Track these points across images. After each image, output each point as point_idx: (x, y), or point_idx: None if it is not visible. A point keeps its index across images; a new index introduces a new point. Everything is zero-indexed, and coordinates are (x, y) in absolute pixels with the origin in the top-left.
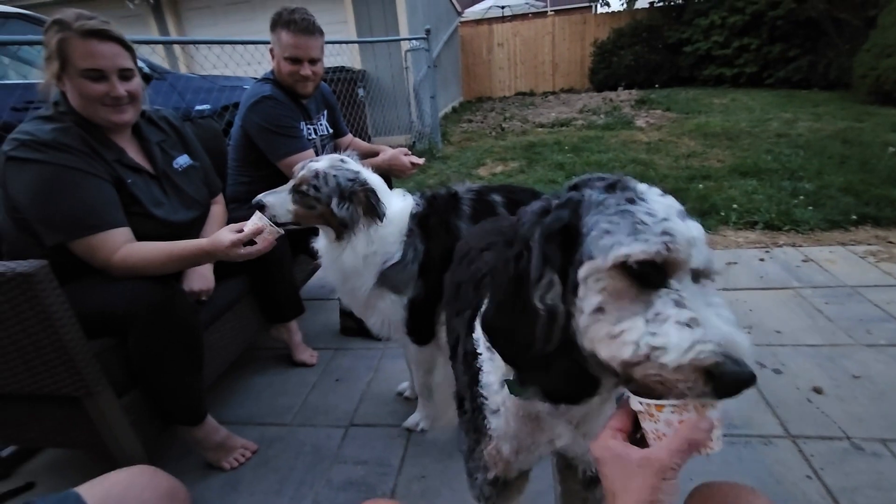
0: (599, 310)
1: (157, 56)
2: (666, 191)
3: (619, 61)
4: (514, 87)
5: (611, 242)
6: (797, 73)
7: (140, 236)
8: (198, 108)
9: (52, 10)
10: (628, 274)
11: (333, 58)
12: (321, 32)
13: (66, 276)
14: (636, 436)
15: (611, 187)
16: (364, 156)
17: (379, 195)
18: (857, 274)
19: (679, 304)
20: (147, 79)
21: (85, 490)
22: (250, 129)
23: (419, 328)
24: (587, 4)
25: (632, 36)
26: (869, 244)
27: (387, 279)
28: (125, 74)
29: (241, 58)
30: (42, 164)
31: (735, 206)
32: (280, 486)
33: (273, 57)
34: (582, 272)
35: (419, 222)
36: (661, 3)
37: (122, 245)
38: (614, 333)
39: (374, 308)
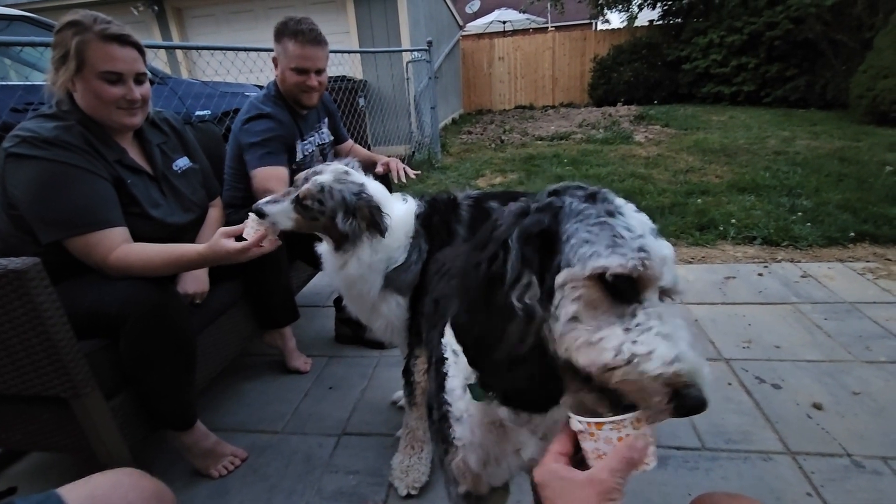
0: (575, 318)
1: (160, 61)
2: (665, 205)
3: (618, 77)
4: (514, 100)
5: (589, 252)
6: (794, 92)
7: (137, 237)
8: (198, 113)
9: (58, 13)
10: (603, 285)
11: (335, 67)
12: (326, 43)
13: (60, 275)
14: (577, 458)
15: (591, 197)
16: (363, 164)
17: (383, 210)
18: (855, 290)
19: (659, 317)
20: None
21: (67, 491)
22: (241, 142)
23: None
24: (588, 21)
25: (631, 53)
26: (867, 261)
27: (391, 281)
28: (139, 78)
29: (242, 64)
30: (42, 161)
31: (733, 221)
32: (269, 496)
33: (276, 66)
34: (559, 279)
35: (423, 223)
36: (660, 22)
37: (119, 245)
38: (593, 341)
39: (378, 312)
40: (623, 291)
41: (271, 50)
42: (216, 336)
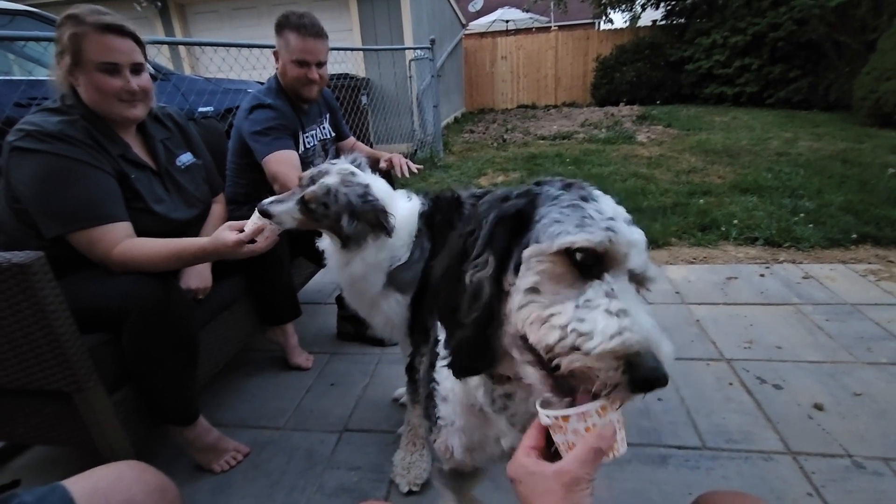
0: (534, 290)
1: (163, 57)
2: (667, 205)
3: (621, 77)
4: (516, 99)
5: (558, 230)
6: (797, 93)
7: (140, 232)
8: (201, 109)
9: (61, 8)
10: (570, 261)
11: (338, 65)
12: (327, 36)
13: (63, 270)
14: (552, 450)
15: (567, 186)
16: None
17: (388, 211)
18: (857, 292)
19: (610, 294)
20: (152, 79)
21: (72, 483)
22: (244, 133)
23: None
24: (590, 21)
25: (634, 53)
26: (869, 263)
27: (393, 279)
28: (137, 69)
29: (245, 61)
30: (46, 155)
31: (735, 221)
32: (271, 491)
33: (277, 60)
34: (526, 253)
35: (426, 221)
36: (663, 22)
37: (122, 240)
38: (544, 317)
39: (378, 309)
40: (589, 268)
41: (274, 46)
42: (218, 332)
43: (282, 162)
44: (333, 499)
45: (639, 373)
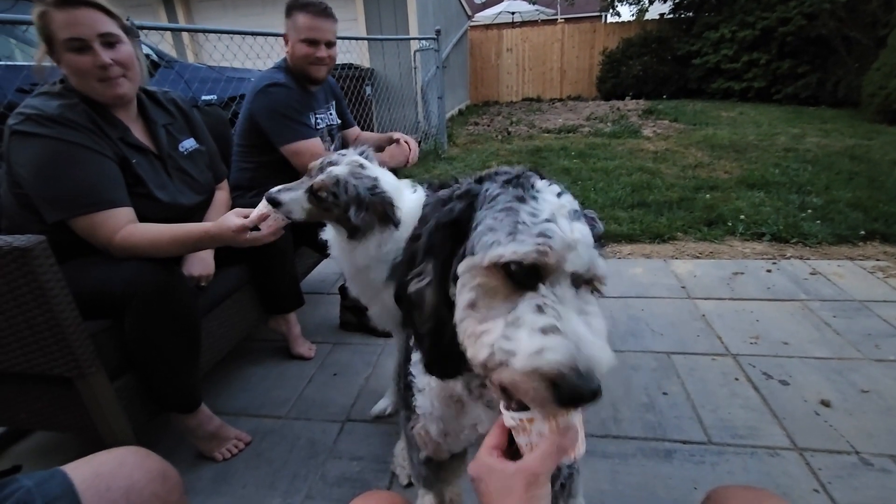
0: (472, 305)
1: (166, 44)
2: (672, 200)
3: (627, 71)
4: (521, 92)
5: (490, 241)
6: (806, 89)
7: (143, 218)
8: (204, 97)
9: None
10: (504, 273)
11: (343, 55)
12: (336, 19)
13: (65, 255)
14: (512, 450)
15: (508, 182)
16: (374, 147)
17: (395, 204)
18: (865, 289)
19: (541, 309)
20: (155, 66)
21: (72, 469)
22: (258, 113)
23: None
24: (597, 13)
25: (641, 46)
26: (877, 259)
27: (395, 271)
28: (109, 41)
29: (250, 49)
30: (46, 139)
31: (742, 216)
32: (273, 479)
33: (287, 43)
34: (461, 267)
35: None
36: (671, 15)
37: (125, 225)
38: (477, 333)
39: (380, 298)
40: (524, 279)
41: (278, 35)
42: (221, 319)
43: (316, 154)
44: (335, 488)
45: (563, 392)
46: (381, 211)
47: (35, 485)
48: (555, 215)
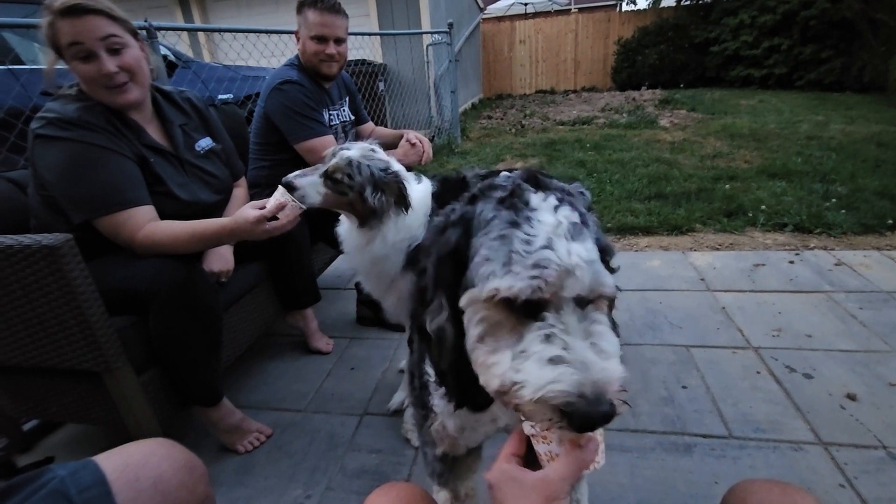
0: (480, 339)
1: (182, 44)
2: (691, 190)
3: (643, 60)
4: (534, 84)
5: (487, 272)
6: (829, 75)
7: (164, 217)
8: (220, 97)
9: None
10: (505, 305)
11: (355, 51)
12: (346, 15)
13: (91, 253)
14: (529, 457)
15: (501, 202)
16: (386, 143)
17: (408, 185)
18: (893, 279)
19: (547, 339)
20: (172, 67)
21: (103, 459)
22: (272, 111)
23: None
24: (612, 3)
25: (657, 35)
26: None
27: (412, 260)
28: (113, 46)
29: (265, 47)
30: (68, 142)
31: (763, 207)
32: (294, 472)
33: (298, 40)
34: (463, 301)
35: (437, 201)
36: (688, 2)
37: (146, 223)
38: (488, 364)
39: (395, 289)
40: (526, 310)
41: (291, 32)
42: (241, 315)
43: (320, 150)
44: (355, 480)
45: (575, 419)
46: (397, 190)
47: (68, 474)
48: (551, 239)
